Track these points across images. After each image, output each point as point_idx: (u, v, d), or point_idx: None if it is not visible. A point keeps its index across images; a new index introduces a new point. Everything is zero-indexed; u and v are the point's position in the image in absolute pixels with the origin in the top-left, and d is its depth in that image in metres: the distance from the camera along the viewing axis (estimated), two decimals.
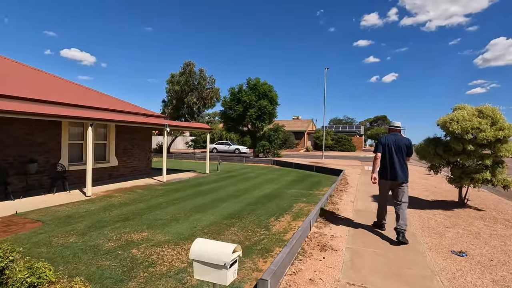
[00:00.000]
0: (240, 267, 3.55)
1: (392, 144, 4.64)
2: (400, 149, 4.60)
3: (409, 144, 4.67)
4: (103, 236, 4.83)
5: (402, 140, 4.68)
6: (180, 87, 24.75)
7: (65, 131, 9.23)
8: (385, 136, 4.82)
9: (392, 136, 4.73)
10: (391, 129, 4.90)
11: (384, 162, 4.68)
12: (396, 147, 4.61)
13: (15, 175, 7.86)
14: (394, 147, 4.61)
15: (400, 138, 4.69)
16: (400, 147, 4.60)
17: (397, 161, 4.57)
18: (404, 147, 4.62)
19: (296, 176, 13.86)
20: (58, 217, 5.92)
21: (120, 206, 6.97)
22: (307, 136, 45.98)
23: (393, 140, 4.66)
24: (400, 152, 4.60)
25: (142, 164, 12.54)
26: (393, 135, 4.76)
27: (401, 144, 4.62)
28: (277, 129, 24.89)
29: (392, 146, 4.62)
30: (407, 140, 4.70)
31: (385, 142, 4.71)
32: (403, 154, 4.63)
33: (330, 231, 4.84)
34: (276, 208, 7.07)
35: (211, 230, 5.25)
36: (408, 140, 4.70)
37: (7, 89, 7.90)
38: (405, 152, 4.64)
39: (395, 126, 4.87)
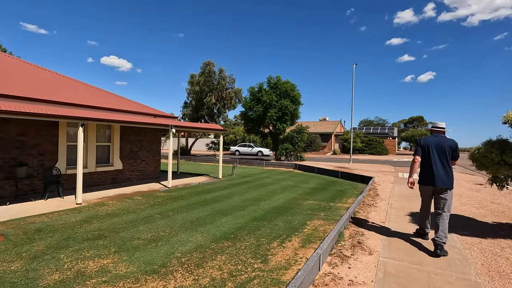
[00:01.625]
0: None
1: (434, 146, 4.28)
2: (443, 152, 4.23)
3: (454, 146, 4.26)
4: (54, 262, 3.84)
5: (446, 142, 4.28)
6: (199, 87, 24.11)
7: (62, 132, 8.62)
8: (425, 138, 4.45)
9: (434, 138, 4.37)
10: (434, 130, 4.52)
11: (424, 166, 4.35)
12: (439, 149, 4.25)
13: (4, 180, 7.30)
14: (436, 149, 4.26)
15: (443, 140, 4.30)
16: (443, 149, 4.23)
17: (440, 165, 4.21)
18: (448, 149, 4.23)
19: (317, 183, 12.32)
20: (26, 231, 5.09)
21: (104, 218, 6.05)
22: (334, 138, 43.62)
23: (435, 142, 4.30)
24: (444, 155, 4.23)
25: (150, 167, 11.77)
26: (435, 137, 4.38)
27: (444, 146, 4.24)
28: (300, 130, 23.31)
29: (434, 149, 4.27)
30: (452, 142, 4.29)
31: (425, 144, 4.36)
32: (447, 158, 4.24)
33: (348, 272, 3.43)
34: (284, 226, 5.73)
35: (192, 258, 4.06)
36: (454, 142, 4.30)
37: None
38: (449, 155, 4.25)
39: (438, 127, 4.47)
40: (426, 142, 4.36)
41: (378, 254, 3.98)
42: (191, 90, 25.31)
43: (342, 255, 3.88)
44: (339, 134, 44.52)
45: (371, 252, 4.04)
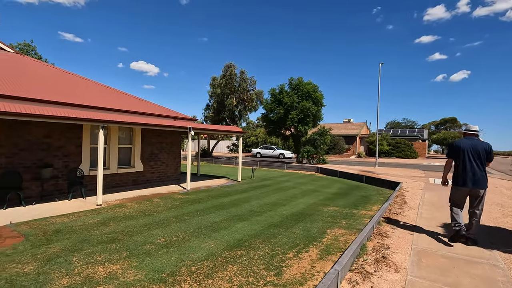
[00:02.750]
0: None
1: (469, 148, 4.47)
2: (478, 154, 4.44)
3: (488, 149, 4.49)
4: (66, 266, 3.82)
5: (480, 144, 4.48)
6: (221, 90, 24.24)
7: (86, 134, 8.87)
8: (459, 140, 4.65)
9: (468, 141, 4.55)
10: (467, 134, 4.69)
11: (459, 168, 4.55)
12: (474, 152, 4.45)
13: (31, 180, 7.60)
14: (471, 152, 4.45)
15: (477, 143, 4.50)
16: (478, 152, 4.44)
17: (476, 167, 4.42)
18: (483, 151, 4.44)
19: (340, 188, 11.78)
20: (45, 232, 5.19)
21: (121, 220, 6.06)
22: (359, 141, 42.16)
23: (470, 145, 4.49)
24: (479, 158, 4.43)
25: (170, 169, 11.87)
26: (469, 140, 4.57)
27: (479, 149, 4.45)
28: (322, 132, 22.64)
29: (469, 151, 4.46)
30: (486, 144, 4.50)
31: (459, 146, 4.56)
32: (482, 160, 4.45)
33: None
34: (302, 235, 5.41)
35: (202, 267, 3.88)
36: (488, 144, 4.51)
37: (21, 90, 7.72)
38: (484, 158, 4.46)
39: (471, 131, 4.64)
40: (460, 145, 4.55)
41: (406, 271, 3.56)
42: (212, 92, 25.53)
43: (364, 271, 3.50)
44: (364, 136, 42.97)
45: (398, 269, 3.62)
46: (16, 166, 7.31)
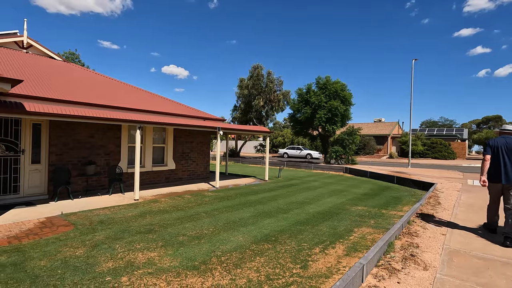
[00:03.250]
0: None
1: (503, 146, 4.65)
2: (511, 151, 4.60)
3: None
4: (110, 251, 4.23)
5: None
6: (248, 91, 24.61)
7: (124, 134, 9.56)
8: (494, 139, 4.83)
9: (503, 139, 4.74)
10: (502, 132, 4.91)
11: (494, 165, 4.71)
12: (508, 149, 4.62)
13: (77, 176, 8.36)
14: (505, 149, 4.63)
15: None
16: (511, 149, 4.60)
17: (509, 163, 4.57)
18: None
19: (369, 188, 11.51)
20: (91, 222, 5.73)
21: (156, 214, 6.50)
22: (391, 141, 40.47)
23: (504, 143, 4.69)
24: None
25: (199, 168, 12.36)
26: (504, 138, 4.75)
27: None
28: (351, 132, 22.12)
29: (503, 148, 4.64)
30: None
31: (494, 144, 4.76)
32: None
33: (397, 287, 3.08)
34: (328, 232, 5.45)
35: (231, 258, 4.10)
36: None
37: (69, 95, 8.51)
38: None
39: (506, 130, 4.87)
40: (495, 143, 4.76)
41: (435, 270, 3.51)
42: (240, 93, 26.00)
43: (390, 267, 3.51)
44: (396, 136, 41.17)
45: (426, 267, 3.58)
46: (65, 163, 8.09)
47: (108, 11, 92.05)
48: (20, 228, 5.23)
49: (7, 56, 9.86)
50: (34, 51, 11.63)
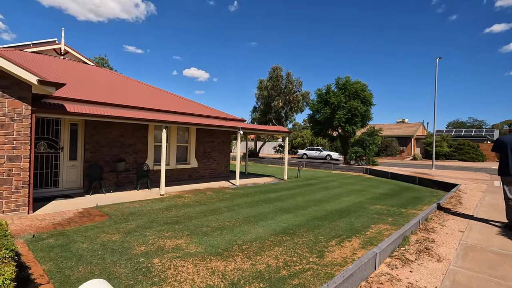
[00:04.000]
0: None
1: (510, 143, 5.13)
2: None
3: None
4: (142, 238, 4.67)
5: None
6: (267, 92, 24.90)
7: (151, 134, 10.15)
8: (503, 136, 5.34)
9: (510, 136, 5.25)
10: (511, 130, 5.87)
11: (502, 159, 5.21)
12: None
13: (108, 172, 9.02)
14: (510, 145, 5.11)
15: None
16: None
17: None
18: None
19: (389, 188, 11.41)
20: (123, 213, 6.24)
21: (181, 208, 6.94)
22: (414, 142, 39.22)
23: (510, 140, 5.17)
24: None
25: (220, 167, 12.78)
26: None
27: None
28: (372, 133, 21.78)
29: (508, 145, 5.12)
30: None
31: (502, 141, 5.25)
32: None
33: (409, 275, 3.24)
34: (345, 227, 5.61)
35: (251, 247, 4.40)
36: None
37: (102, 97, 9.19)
38: None
39: None
40: (503, 140, 5.25)
41: (449, 262, 3.61)
42: (259, 95, 26.36)
43: (404, 258, 3.65)
44: (420, 137, 39.82)
45: (440, 259, 3.69)
46: (98, 160, 8.76)
47: (133, 17, 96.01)
48: (62, 217, 5.82)
49: (48, 62, 10.78)
50: (70, 57, 12.60)
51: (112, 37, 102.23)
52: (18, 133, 5.75)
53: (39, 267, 3.52)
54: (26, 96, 5.84)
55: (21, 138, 5.77)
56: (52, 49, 11.81)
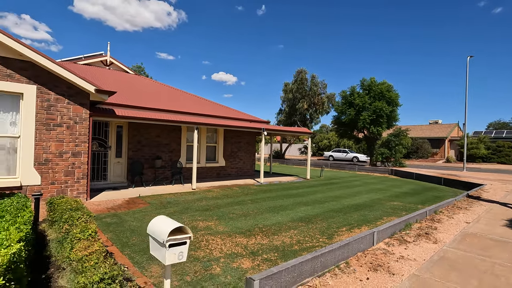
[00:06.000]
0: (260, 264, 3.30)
1: None
2: None
3: None
4: (179, 220, 5.57)
5: None
6: (292, 95, 25.47)
7: (184, 134, 11.25)
8: None
9: None
10: None
11: None
12: None
13: (148, 168, 10.20)
14: None
15: None
16: None
17: None
18: None
19: (412, 188, 11.52)
20: (162, 202, 7.26)
21: (211, 199, 7.83)
22: (448, 144, 37.45)
23: None
24: None
25: (246, 166, 13.62)
26: None
27: None
28: (398, 134, 21.48)
29: None
30: None
31: None
32: None
33: (402, 251, 3.78)
34: (358, 218, 6.13)
35: (270, 229, 5.12)
36: None
37: (142, 102, 10.42)
38: None
39: None
40: None
41: (444, 244, 4.07)
42: (284, 97, 26.99)
43: (402, 239, 4.17)
44: (455, 139, 37.93)
45: (436, 241, 4.15)
46: (139, 158, 9.97)
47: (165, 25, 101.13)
48: (113, 203, 6.94)
49: (98, 73, 12.35)
50: (114, 67, 14.20)
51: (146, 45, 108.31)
52: (80, 133, 6.98)
53: (103, 235, 4.52)
54: (86, 103, 7.07)
55: (81, 137, 7.00)
56: (99, 61, 13.45)
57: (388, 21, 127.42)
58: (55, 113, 6.64)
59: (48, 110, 6.56)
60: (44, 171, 6.51)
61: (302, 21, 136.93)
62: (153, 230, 2.05)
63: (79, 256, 2.51)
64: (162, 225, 2.02)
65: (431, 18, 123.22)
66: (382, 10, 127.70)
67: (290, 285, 2.62)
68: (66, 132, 6.79)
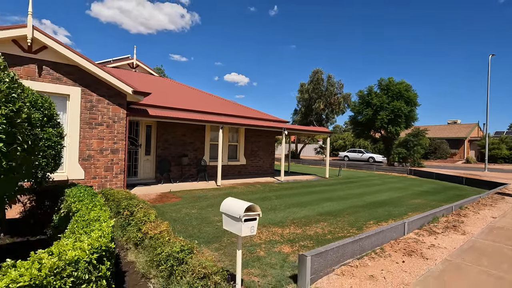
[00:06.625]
0: None
1: None
2: None
3: None
4: (213, 212, 5.97)
5: None
6: (308, 95, 25.64)
7: (207, 133, 11.70)
8: None
9: None
10: None
11: None
12: None
13: (174, 166, 10.70)
14: None
15: None
16: None
17: None
18: None
19: (432, 187, 11.54)
20: (192, 197, 7.69)
21: (237, 195, 8.20)
22: (468, 145, 36.56)
23: None
24: None
25: (266, 164, 13.96)
26: None
27: None
28: (417, 134, 21.29)
29: None
30: None
31: None
32: None
33: (433, 240, 4.01)
34: (383, 213, 6.35)
35: (301, 221, 5.43)
36: None
37: (167, 102, 10.93)
38: None
39: None
40: None
41: (472, 235, 4.27)
42: (300, 97, 27.20)
43: (431, 230, 4.39)
44: (475, 139, 36.98)
45: (465, 233, 4.35)
46: (167, 156, 10.48)
47: (179, 27, 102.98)
48: (148, 197, 7.41)
49: (126, 75, 13.00)
50: (140, 70, 14.86)
51: (160, 47, 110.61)
52: (118, 131, 7.50)
53: None
54: (123, 103, 7.59)
55: (119, 135, 7.52)
56: (126, 64, 14.12)
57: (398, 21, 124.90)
58: (96, 113, 7.19)
59: (90, 110, 7.11)
60: (87, 166, 7.06)
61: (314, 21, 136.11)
62: (227, 209, 2.41)
63: (151, 234, 2.90)
64: (235, 204, 2.37)
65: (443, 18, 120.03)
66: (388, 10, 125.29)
67: (334, 263, 2.93)
68: (106, 130, 7.32)
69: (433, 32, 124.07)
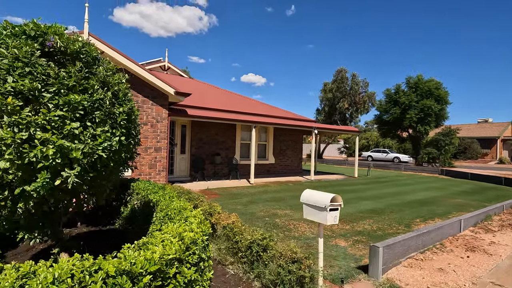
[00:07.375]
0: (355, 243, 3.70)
1: None
2: None
3: None
4: (256, 207, 6.15)
5: None
6: (332, 94, 25.41)
7: (238, 133, 11.95)
8: None
9: None
10: None
11: None
12: None
13: (208, 164, 11.02)
14: None
15: None
16: None
17: None
18: None
19: (469, 187, 11.16)
20: (230, 193, 7.92)
21: (272, 192, 8.36)
22: (501, 144, 34.77)
23: None
24: None
25: (294, 164, 14.03)
26: None
27: None
28: (448, 133, 20.56)
29: None
30: None
31: None
32: None
33: (491, 238, 3.97)
34: (427, 212, 6.28)
35: (346, 218, 5.49)
36: None
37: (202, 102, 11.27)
38: None
39: None
40: None
41: None
42: (323, 97, 27.00)
43: (487, 228, 4.34)
44: (508, 138, 35.12)
45: None
46: (201, 154, 10.82)
47: (197, 29, 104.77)
48: None
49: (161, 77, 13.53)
50: (171, 71, 15.39)
51: (180, 50, 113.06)
52: (160, 130, 7.87)
53: None
54: (165, 104, 7.95)
55: (162, 134, 7.88)
56: (158, 66, 14.68)
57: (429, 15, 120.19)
58: (142, 113, 7.57)
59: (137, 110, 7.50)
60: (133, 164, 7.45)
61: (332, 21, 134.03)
62: (309, 199, 2.56)
63: (224, 224, 3.10)
64: (317, 194, 2.52)
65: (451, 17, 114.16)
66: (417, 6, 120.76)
67: (401, 256, 3.00)
68: (150, 129, 7.70)
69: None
